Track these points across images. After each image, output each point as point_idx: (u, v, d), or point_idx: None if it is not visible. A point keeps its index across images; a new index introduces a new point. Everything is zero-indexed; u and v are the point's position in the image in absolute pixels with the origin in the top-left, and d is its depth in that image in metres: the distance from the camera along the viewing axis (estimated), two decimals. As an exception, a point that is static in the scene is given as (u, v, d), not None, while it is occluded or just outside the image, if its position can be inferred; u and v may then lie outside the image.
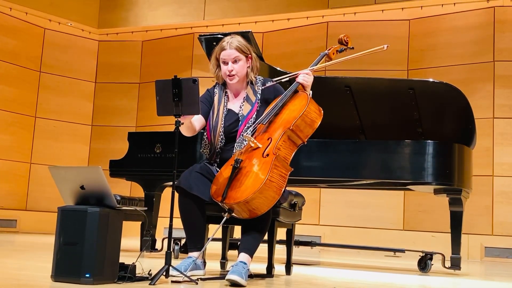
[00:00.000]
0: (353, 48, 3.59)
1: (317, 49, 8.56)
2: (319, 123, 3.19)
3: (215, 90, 3.42)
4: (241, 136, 3.21)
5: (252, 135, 3.17)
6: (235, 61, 3.27)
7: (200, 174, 3.20)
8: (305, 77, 3.26)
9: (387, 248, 5.71)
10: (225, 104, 3.35)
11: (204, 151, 3.37)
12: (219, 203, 3.01)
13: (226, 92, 3.39)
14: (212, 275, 3.23)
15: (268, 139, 3.10)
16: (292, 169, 3.11)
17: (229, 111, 3.33)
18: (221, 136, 3.27)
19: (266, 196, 2.93)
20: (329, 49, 3.54)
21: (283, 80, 3.36)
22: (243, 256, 3.02)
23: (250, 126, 3.22)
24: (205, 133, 3.36)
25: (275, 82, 3.35)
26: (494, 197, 7.44)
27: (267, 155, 3.02)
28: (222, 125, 3.28)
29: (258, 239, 3.11)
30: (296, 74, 3.32)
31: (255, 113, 3.27)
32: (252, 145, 3.08)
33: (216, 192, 3.05)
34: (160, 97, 3.00)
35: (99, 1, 9.64)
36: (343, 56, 3.54)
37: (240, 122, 3.27)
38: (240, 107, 3.31)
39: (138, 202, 5.02)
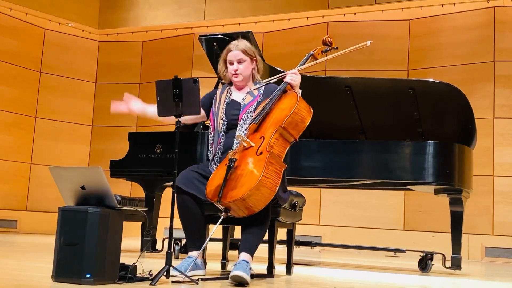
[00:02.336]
0: (337, 48, 3.70)
1: (317, 49, 8.57)
2: (309, 120, 3.25)
3: (220, 88, 3.56)
4: (242, 120, 3.29)
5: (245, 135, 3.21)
6: (239, 62, 3.41)
7: (198, 173, 3.26)
8: (293, 77, 3.33)
9: (387, 248, 5.71)
10: (228, 95, 3.45)
11: (211, 137, 3.41)
12: (215, 203, 3.04)
13: (230, 89, 3.50)
14: (212, 275, 3.23)
15: (260, 137, 3.15)
16: (286, 165, 3.15)
17: (232, 100, 3.43)
18: (223, 119, 3.34)
19: (262, 192, 2.96)
20: (314, 50, 3.64)
21: (271, 81, 3.42)
22: (244, 255, 3.04)
23: (251, 112, 3.27)
24: (209, 124, 3.45)
25: (263, 84, 3.40)
26: (494, 197, 7.44)
27: (261, 153, 3.07)
28: (224, 110, 3.37)
29: (258, 238, 3.13)
30: (284, 75, 3.39)
31: (256, 102, 3.35)
32: (245, 144, 3.12)
33: (211, 192, 3.07)
34: (160, 97, 3.01)
35: (99, 1, 9.64)
36: (328, 55, 3.63)
37: (241, 109, 3.35)
38: (243, 99, 3.41)
39: (138, 202, 5.02)
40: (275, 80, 3.43)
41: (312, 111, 3.27)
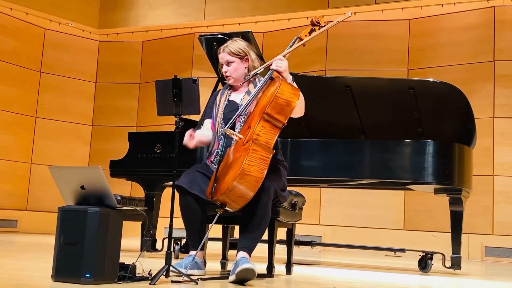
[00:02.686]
0: (324, 26, 3.62)
1: (317, 49, 8.58)
2: (296, 102, 3.17)
3: (222, 89, 3.55)
4: (239, 122, 3.27)
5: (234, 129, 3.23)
6: (228, 64, 3.42)
7: (200, 173, 3.25)
8: (278, 63, 3.31)
9: (387, 248, 5.71)
10: (227, 97, 3.45)
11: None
12: (211, 201, 3.06)
13: (230, 89, 3.50)
14: (212, 275, 3.23)
15: (247, 128, 3.16)
16: (274, 151, 3.11)
17: (230, 101, 3.43)
18: (221, 122, 3.35)
19: (248, 180, 2.95)
20: (301, 33, 3.60)
21: (258, 72, 3.42)
22: (242, 254, 3.04)
23: (244, 109, 3.26)
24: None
25: (250, 76, 3.39)
26: (494, 196, 7.44)
27: (246, 142, 3.07)
28: (222, 113, 3.38)
29: (256, 238, 3.12)
30: (270, 63, 3.37)
31: None
32: (236, 138, 3.12)
33: (208, 191, 3.10)
34: (160, 97, 3.01)
35: (99, 1, 9.64)
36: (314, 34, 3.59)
37: (238, 110, 3.34)
38: (241, 99, 3.40)
39: (138, 202, 5.02)
40: (256, 73, 3.42)
41: (299, 92, 3.20)
